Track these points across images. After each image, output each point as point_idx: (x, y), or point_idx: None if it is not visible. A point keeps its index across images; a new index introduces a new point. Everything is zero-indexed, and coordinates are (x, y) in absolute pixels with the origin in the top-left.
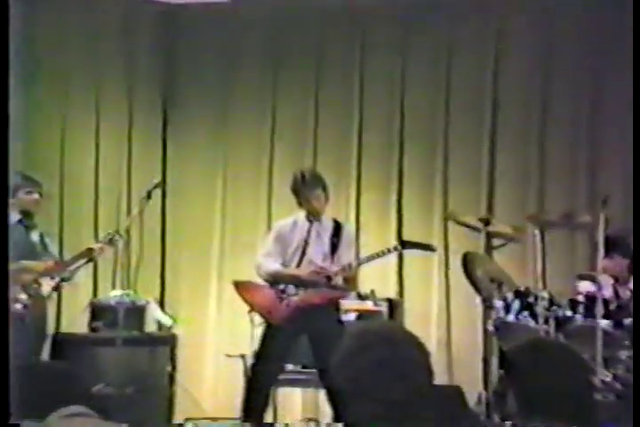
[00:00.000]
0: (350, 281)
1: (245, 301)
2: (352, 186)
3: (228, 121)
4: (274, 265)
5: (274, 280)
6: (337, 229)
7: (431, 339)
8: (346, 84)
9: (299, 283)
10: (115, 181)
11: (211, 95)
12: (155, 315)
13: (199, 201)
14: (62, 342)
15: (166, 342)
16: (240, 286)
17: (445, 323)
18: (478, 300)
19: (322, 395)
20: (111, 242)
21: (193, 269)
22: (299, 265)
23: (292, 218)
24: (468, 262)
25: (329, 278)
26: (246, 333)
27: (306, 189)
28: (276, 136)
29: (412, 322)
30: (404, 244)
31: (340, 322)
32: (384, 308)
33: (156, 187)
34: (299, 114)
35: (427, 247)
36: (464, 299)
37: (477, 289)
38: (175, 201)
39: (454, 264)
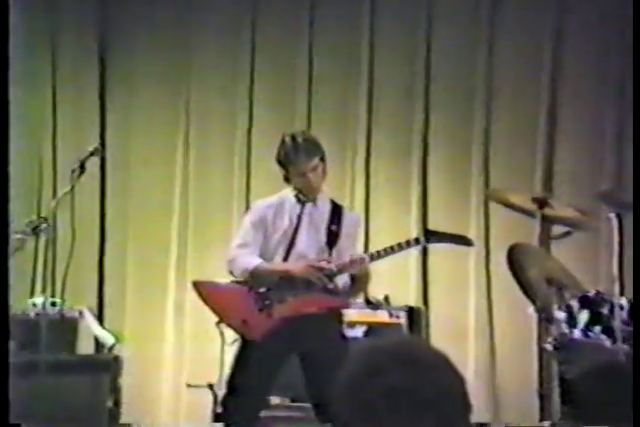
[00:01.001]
0: (363, 280)
1: (213, 309)
2: (359, 156)
3: (191, 67)
4: (253, 259)
5: (253, 280)
6: (337, 213)
7: (467, 362)
8: (351, 14)
9: (288, 283)
10: (35, 149)
11: (165, 33)
12: (91, 331)
13: (152, 175)
14: None
15: (106, 367)
16: (204, 289)
17: (487, 341)
18: (531, 309)
19: None
20: (36, 232)
21: (143, 267)
22: (285, 259)
23: (276, 197)
24: (517, 259)
25: (329, 277)
26: (215, 354)
27: (298, 159)
28: (256, 87)
29: (441, 339)
30: (430, 235)
31: (344, 338)
32: (402, 319)
33: (91, 155)
34: (287, 58)
35: (460, 239)
36: (512, 308)
37: (530, 295)
38: (119, 175)
39: (498, 261)
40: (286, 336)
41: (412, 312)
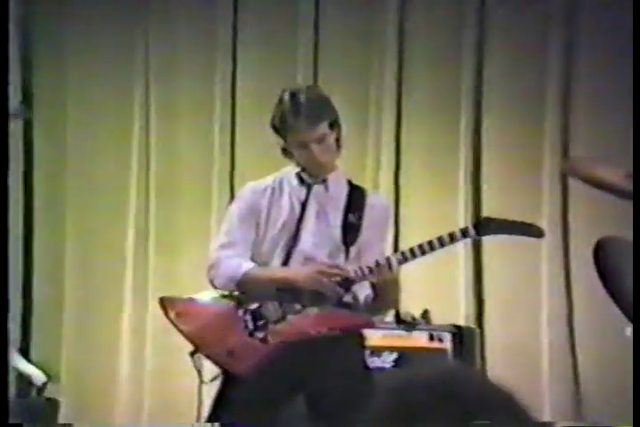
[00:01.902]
0: (391, 290)
1: (186, 335)
2: (386, 119)
3: None
4: (242, 263)
5: (242, 291)
6: (356, 198)
7: (542, 402)
8: None
9: (289, 295)
10: None
11: None
12: (13, 366)
13: (97, 146)
14: None
15: (35, 414)
16: (174, 308)
17: (568, 374)
18: (630, 331)
19: None
20: None
21: (87, 276)
22: (285, 262)
23: (272, 178)
24: (608, 259)
25: (346, 286)
26: (185, 394)
27: (299, 123)
28: (240, 22)
29: (503, 370)
30: (483, 224)
31: (367, 369)
32: (448, 343)
33: (13, 117)
34: None
35: (526, 229)
36: (601, 328)
37: (628, 310)
38: (50, 145)
39: (581, 262)
40: (287, 369)
41: (460, 334)
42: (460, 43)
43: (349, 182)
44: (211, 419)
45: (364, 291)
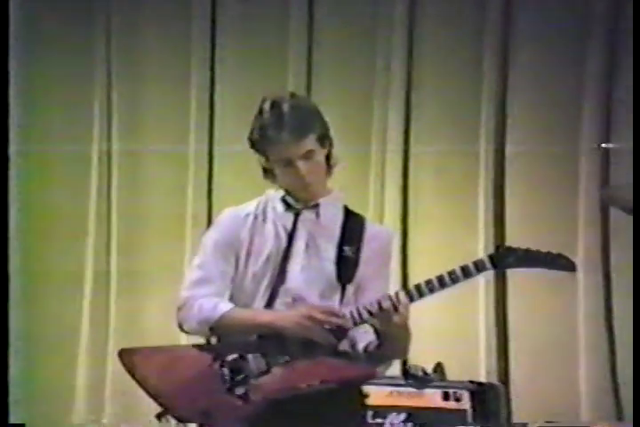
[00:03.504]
0: (398, 337)
1: (152, 393)
2: (391, 134)
3: None
4: (218, 304)
5: (218, 338)
6: (353, 227)
7: None
8: None
9: (274, 343)
10: None
11: None
12: None
13: (47, 163)
14: None
15: None
16: (137, 361)
17: None
18: None
19: None
20: None
21: (33, 320)
22: (270, 304)
23: (255, 203)
24: None
25: (341, 333)
26: None
27: (280, 137)
28: (219, 14)
29: None
30: (502, 256)
31: None
32: (466, 403)
33: None
34: None
35: (553, 262)
36: None
37: None
38: None
39: (625, 302)
40: None
41: (481, 391)
42: (480, 45)
43: (346, 208)
44: None
45: (365, 337)
